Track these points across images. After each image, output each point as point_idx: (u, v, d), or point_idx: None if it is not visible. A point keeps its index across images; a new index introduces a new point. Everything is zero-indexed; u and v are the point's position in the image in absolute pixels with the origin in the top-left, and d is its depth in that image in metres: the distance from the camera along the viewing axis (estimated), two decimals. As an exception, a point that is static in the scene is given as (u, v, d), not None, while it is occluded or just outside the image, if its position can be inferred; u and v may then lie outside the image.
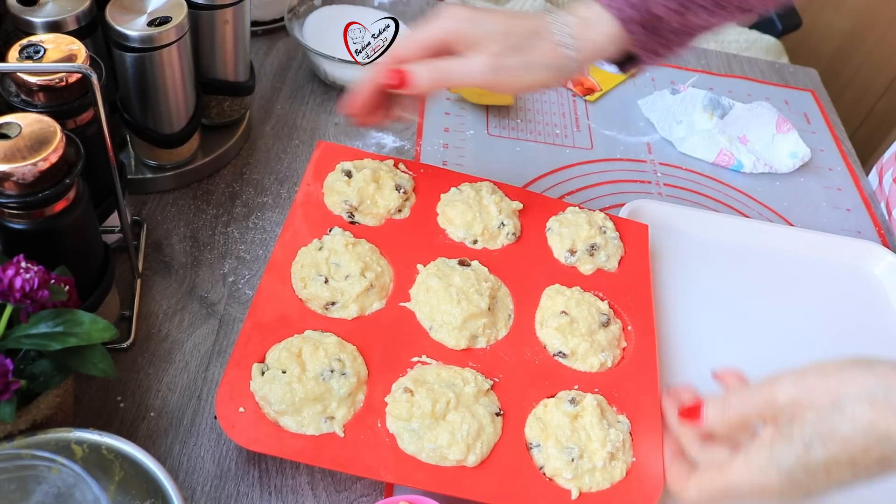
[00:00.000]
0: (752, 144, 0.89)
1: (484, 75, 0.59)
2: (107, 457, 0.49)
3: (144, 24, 0.62)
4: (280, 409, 0.54)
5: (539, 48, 0.60)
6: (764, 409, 0.49)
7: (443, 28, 0.60)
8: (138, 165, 0.73)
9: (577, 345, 0.61)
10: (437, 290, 0.61)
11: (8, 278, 0.45)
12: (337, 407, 0.55)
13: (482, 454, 0.54)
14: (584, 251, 0.67)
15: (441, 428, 0.54)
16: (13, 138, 0.48)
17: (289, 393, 0.54)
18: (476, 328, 0.60)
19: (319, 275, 0.61)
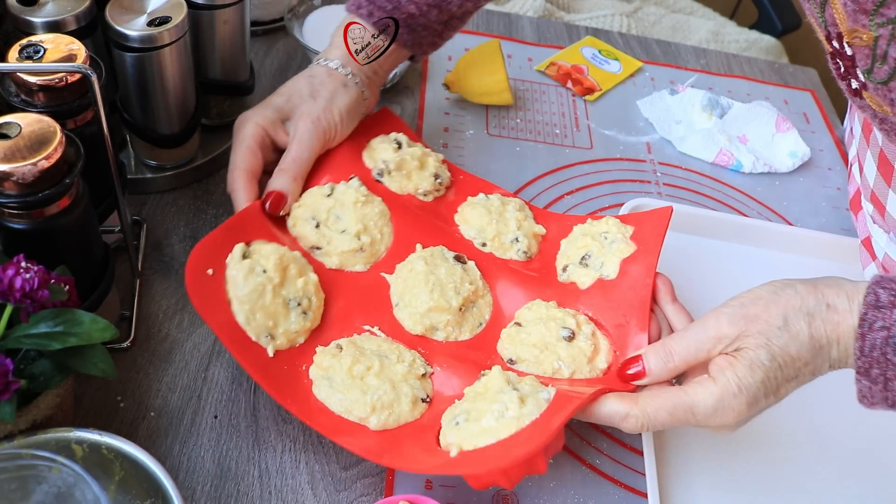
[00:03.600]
0: (752, 144, 0.89)
1: (313, 132, 0.64)
2: (107, 456, 0.49)
3: (144, 24, 0.62)
4: (240, 297, 0.56)
5: (327, 82, 0.66)
6: (711, 347, 0.51)
7: (255, 125, 0.64)
8: (138, 165, 0.73)
9: (524, 352, 0.59)
10: (418, 273, 0.61)
11: (8, 278, 0.45)
12: (281, 333, 0.57)
13: (385, 423, 0.54)
14: (574, 265, 0.64)
15: (355, 386, 0.55)
16: (13, 138, 0.48)
17: (257, 293, 0.56)
18: (438, 321, 0.60)
19: (313, 218, 0.62)
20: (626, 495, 0.60)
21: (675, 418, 0.51)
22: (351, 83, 0.67)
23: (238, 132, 0.64)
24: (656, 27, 1.34)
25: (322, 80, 0.66)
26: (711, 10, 1.45)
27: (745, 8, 1.66)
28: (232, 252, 0.57)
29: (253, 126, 0.63)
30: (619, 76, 0.98)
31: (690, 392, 0.51)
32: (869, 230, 0.76)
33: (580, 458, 0.61)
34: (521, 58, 0.98)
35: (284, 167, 0.63)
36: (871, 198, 0.73)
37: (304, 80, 0.66)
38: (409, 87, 0.90)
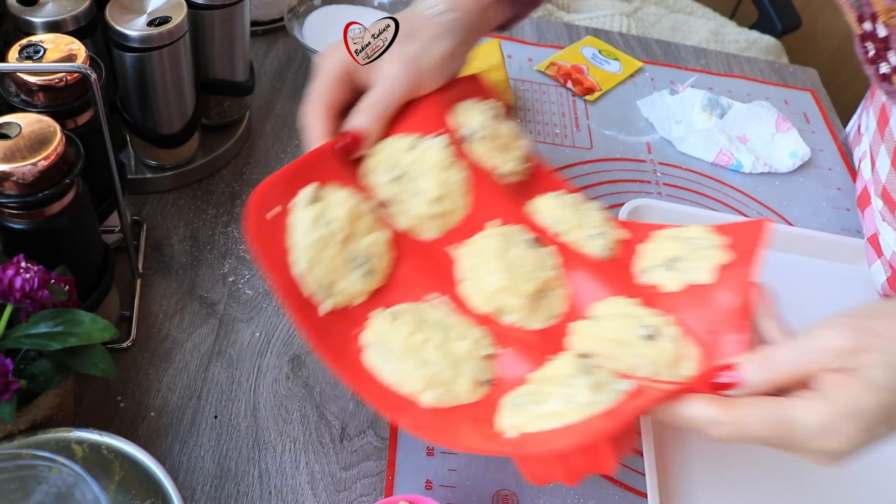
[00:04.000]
0: (752, 144, 0.89)
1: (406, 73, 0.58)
2: (107, 456, 0.49)
3: (144, 24, 0.62)
4: (302, 247, 0.51)
5: (424, 26, 0.59)
6: (821, 361, 0.43)
7: (339, 60, 0.58)
8: (138, 165, 0.73)
9: (598, 346, 0.53)
10: (490, 250, 0.56)
11: (8, 278, 0.45)
12: (339, 291, 0.52)
13: (440, 401, 0.49)
14: (661, 267, 0.58)
15: (411, 357, 0.50)
16: (13, 138, 0.48)
17: (320, 245, 0.51)
18: (507, 305, 0.55)
19: (391, 170, 0.57)
20: (626, 495, 0.60)
21: (772, 433, 0.43)
22: (453, 32, 0.60)
23: (319, 65, 0.58)
24: (656, 27, 1.34)
25: (421, 23, 0.60)
26: (711, 10, 1.45)
27: (745, 8, 1.66)
28: (299, 194, 0.52)
29: (335, 61, 0.58)
30: (620, 76, 0.98)
31: (795, 406, 0.43)
32: (876, 227, 0.75)
33: (580, 458, 0.61)
34: (521, 58, 0.98)
35: (366, 106, 0.58)
36: (883, 193, 0.72)
37: (403, 21, 0.60)
38: (409, 87, 0.90)
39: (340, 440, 0.59)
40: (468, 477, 0.59)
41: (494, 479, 0.59)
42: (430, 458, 0.59)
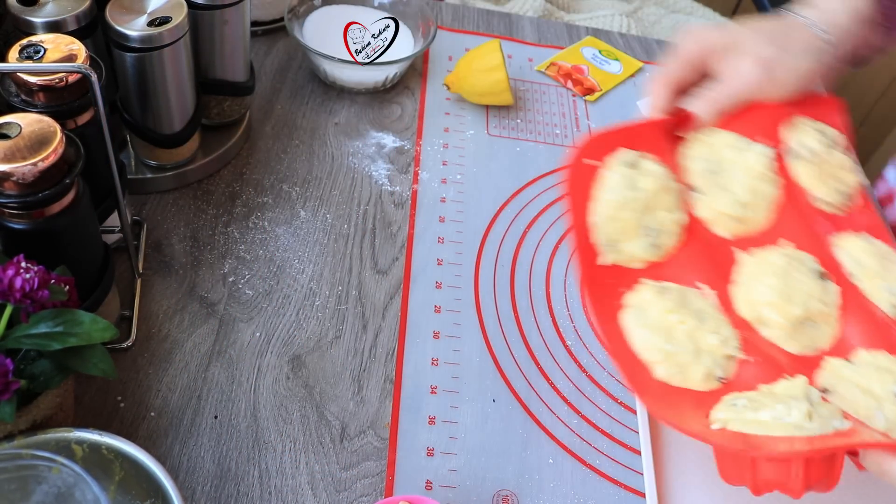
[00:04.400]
0: (752, 144, 0.89)
1: (757, 76, 0.61)
2: (107, 457, 0.49)
3: (144, 24, 0.62)
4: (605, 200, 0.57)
5: (796, 37, 0.62)
6: None
7: (699, 43, 0.62)
8: (138, 165, 0.73)
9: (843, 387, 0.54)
10: (774, 265, 0.58)
11: (8, 278, 0.45)
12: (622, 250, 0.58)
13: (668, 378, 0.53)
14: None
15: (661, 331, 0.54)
16: (13, 138, 0.48)
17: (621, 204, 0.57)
18: (770, 319, 0.57)
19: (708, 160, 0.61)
20: (626, 495, 0.60)
21: None
22: (822, 53, 0.62)
23: (680, 42, 0.63)
24: (656, 27, 1.34)
25: (795, 32, 0.62)
26: (711, 10, 1.45)
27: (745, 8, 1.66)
28: (619, 154, 0.58)
29: (696, 42, 0.62)
30: (620, 76, 0.98)
31: None
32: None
33: (580, 458, 0.61)
34: (522, 58, 0.98)
35: (709, 96, 0.62)
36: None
37: (774, 24, 0.62)
38: (409, 88, 0.90)
39: (340, 440, 0.59)
40: (468, 477, 0.59)
41: (494, 479, 0.59)
42: (430, 458, 0.59)
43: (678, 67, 0.63)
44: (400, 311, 0.68)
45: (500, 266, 0.73)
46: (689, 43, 0.62)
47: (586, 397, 0.65)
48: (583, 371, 0.67)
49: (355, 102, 0.87)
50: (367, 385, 0.63)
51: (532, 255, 0.75)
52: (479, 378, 0.65)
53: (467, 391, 0.64)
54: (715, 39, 0.62)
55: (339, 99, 0.87)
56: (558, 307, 0.71)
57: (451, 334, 0.67)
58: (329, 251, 0.72)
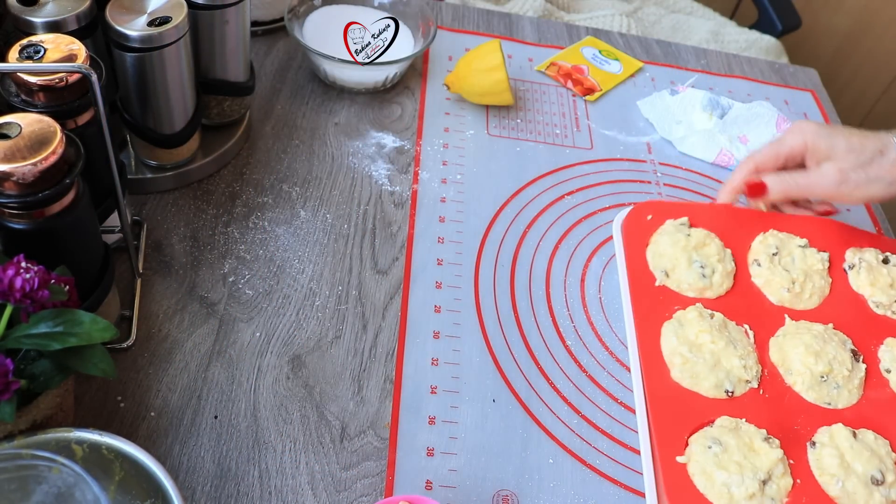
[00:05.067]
0: (753, 144, 0.89)
1: (831, 188, 0.69)
2: (107, 457, 0.49)
3: (144, 24, 0.62)
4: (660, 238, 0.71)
5: (881, 164, 0.68)
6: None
7: (799, 142, 0.70)
8: (138, 165, 0.73)
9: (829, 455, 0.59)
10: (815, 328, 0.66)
11: (8, 278, 0.45)
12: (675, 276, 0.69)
13: (681, 379, 0.62)
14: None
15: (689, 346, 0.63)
16: (13, 138, 0.48)
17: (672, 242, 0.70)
18: (792, 366, 0.64)
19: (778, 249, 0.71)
20: (626, 495, 0.60)
21: None
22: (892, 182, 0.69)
23: (788, 133, 0.72)
24: (656, 27, 1.34)
25: (881, 163, 0.68)
26: (711, 10, 1.45)
27: (745, 8, 1.66)
28: (678, 218, 0.71)
29: (801, 140, 0.70)
30: (620, 76, 0.97)
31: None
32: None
33: (580, 458, 0.61)
34: (522, 58, 0.98)
35: (786, 181, 0.70)
36: None
37: (876, 148, 0.68)
38: (409, 88, 0.90)
39: (340, 440, 0.59)
40: (468, 477, 0.59)
41: (494, 479, 0.59)
42: (430, 458, 0.59)
43: (770, 154, 0.71)
44: (400, 311, 0.68)
45: (500, 266, 0.73)
46: (796, 138, 0.70)
47: (586, 397, 0.65)
48: (583, 371, 0.67)
49: (355, 102, 0.87)
50: (367, 385, 0.63)
51: (532, 255, 0.75)
52: (479, 378, 0.65)
53: (467, 391, 0.64)
54: (823, 144, 0.69)
55: (339, 99, 0.87)
56: (558, 307, 0.71)
57: (451, 334, 0.67)
58: (329, 251, 0.72)
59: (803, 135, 0.70)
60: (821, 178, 0.69)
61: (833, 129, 0.70)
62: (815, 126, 0.70)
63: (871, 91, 1.84)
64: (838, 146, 0.69)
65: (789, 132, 0.71)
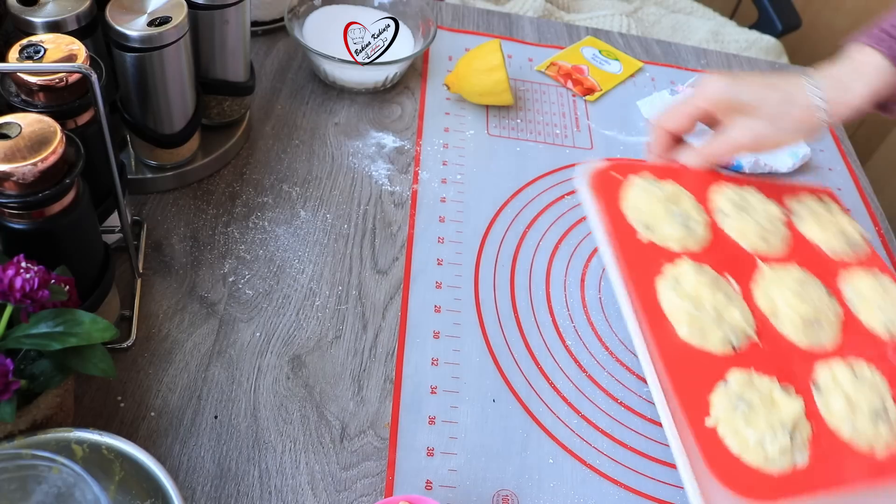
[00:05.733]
0: (752, 144, 0.89)
1: (746, 147, 0.69)
2: (107, 457, 0.49)
3: (144, 24, 0.62)
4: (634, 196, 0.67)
5: (793, 115, 0.66)
6: None
7: (709, 101, 0.68)
8: (138, 165, 0.73)
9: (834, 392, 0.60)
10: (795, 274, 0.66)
11: (8, 278, 0.45)
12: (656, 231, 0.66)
13: (690, 337, 0.60)
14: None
15: (690, 300, 0.61)
16: (13, 138, 0.48)
17: (647, 197, 0.66)
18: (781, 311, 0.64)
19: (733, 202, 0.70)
20: (626, 495, 0.60)
21: None
22: (816, 132, 0.67)
23: (698, 94, 0.69)
24: (656, 27, 1.34)
25: (797, 113, 0.66)
26: (711, 10, 1.45)
27: (745, 8, 1.66)
28: (641, 174, 0.69)
29: (710, 99, 0.68)
30: (620, 76, 0.97)
31: None
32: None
33: (580, 458, 0.61)
34: (522, 58, 0.98)
35: (703, 152, 0.70)
36: None
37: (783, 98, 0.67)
38: (409, 88, 0.90)
39: (340, 440, 0.59)
40: (468, 477, 0.59)
41: (494, 479, 0.59)
42: (430, 458, 0.59)
43: (682, 121, 0.70)
44: (400, 311, 0.68)
45: (500, 266, 0.73)
46: (708, 92, 0.68)
47: (586, 397, 0.65)
48: (583, 371, 0.67)
49: (355, 102, 0.87)
50: (367, 385, 0.63)
51: (532, 255, 0.75)
52: (479, 378, 0.65)
53: (467, 391, 0.64)
54: (730, 100, 0.68)
55: (339, 99, 0.87)
56: (558, 307, 0.71)
57: (451, 334, 0.67)
58: (329, 251, 0.72)
59: (711, 94, 0.68)
60: (734, 140, 0.69)
61: (740, 82, 0.68)
62: (722, 83, 0.68)
63: (871, 91, 1.84)
64: (747, 101, 0.67)
65: (698, 92, 0.69)
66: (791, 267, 0.67)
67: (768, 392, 0.58)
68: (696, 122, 0.70)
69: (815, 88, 0.66)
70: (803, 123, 0.67)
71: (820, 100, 0.66)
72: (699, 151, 0.70)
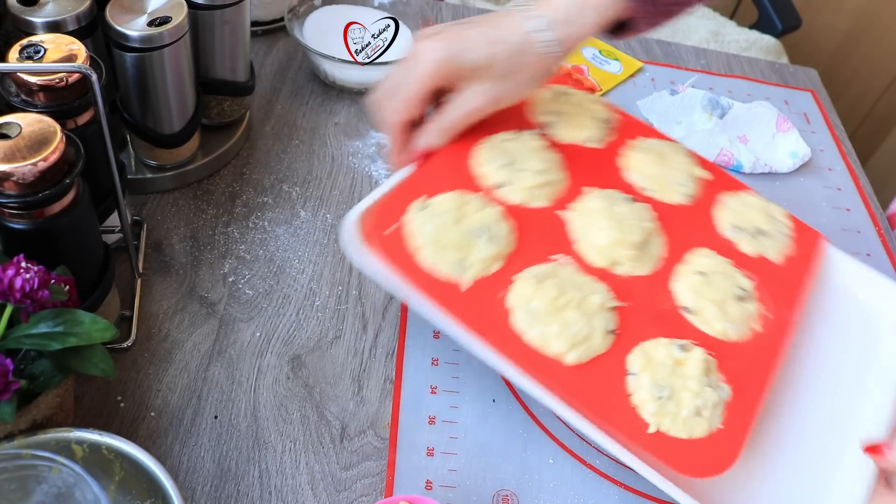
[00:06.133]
0: (753, 144, 0.89)
1: (484, 110, 0.62)
2: (107, 457, 0.49)
3: (144, 24, 0.62)
4: (425, 241, 0.57)
5: (525, 65, 0.60)
6: None
7: (429, 75, 0.60)
8: (138, 165, 0.73)
9: (704, 305, 0.61)
10: (598, 210, 0.63)
11: (8, 278, 0.45)
12: (472, 263, 0.57)
13: (581, 357, 0.55)
14: (749, 231, 0.67)
15: (555, 318, 0.56)
16: (13, 138, 0.48)
17: (439, 232, 0.57)
18: (619, 255, 0.61)
19: (500, 159, 0.64)
20: (626, 495, 0.60)
21: None
22: (552, 67, 0.62)
23: (415, 67, 0.60)
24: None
25: (527, 61, 0.60)
26: (711, 10, 1.45)
27: (745, 8, 1.66)
28: (409, 208, 0.59)
29: (430, 75, 0.60)
30: (620, 76, 0.97)
31: None
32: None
33: (580, 458, 0.61)
34: (522, 58, 0.98)
35: (445, 126, 0.62)
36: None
37: (513, 51, 0.60)
38: (409, 87, 0.90)
39: (340, 440, 0.59)
40: (468, 477, 0.59)
41: (494, 479, 0.59)
42: (430, 458, 0.59)
43: (410, 105, 0.61)
44: (400, 311, 0.68)
45: (500, 266, 0.73)
46: (423, 72, 0.59)
47: (586, 397, 0.65)
48: (583, 371, 0.67)
49: (355, 102, 0.87)
50: (367, 385, 0.63)
51: (532, 255, 0.75)
52: (479, 378, 0.65)
53: (467, 391, 0.64)
54: (454, 67, 0.60)
55: (339, 99, 0.87)
56: (558, 307, 0.71)
57: (451, 334, 0.67)
58: (329, 251, 0.72)
59: (432, 68, 0.59)
60: (469, 106, 0.61)
61: (459, 43, 0.60)
62: (439, 52, 0.59)
63: (871, 91, 1.84)
64: (473, 62, 0.59)
65: (415, 67, 0.60)
66: (589, 198, 0.64)
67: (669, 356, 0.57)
68: (426, 102, 0.62)
69: (543, 32, 0.60)
70: (538, 71, 0.61)
71: (549, 41, 0.60)
72: (435, 128, 0.62)
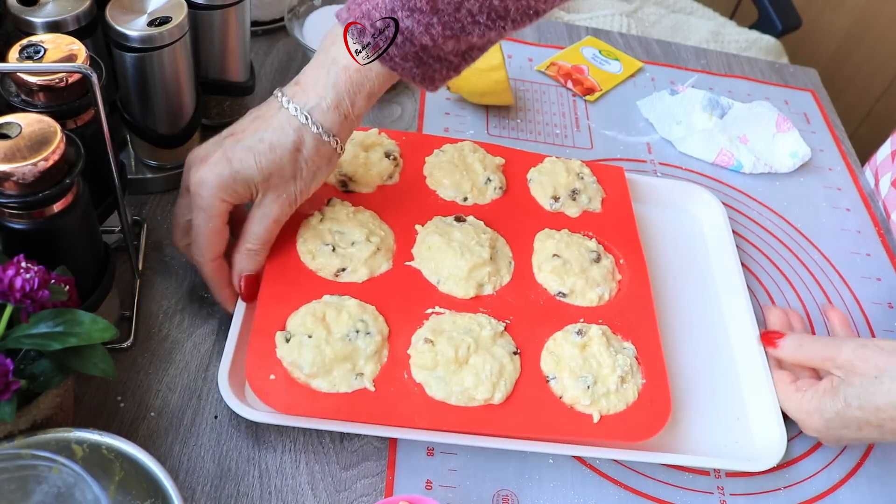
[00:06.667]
0: (753, 144, 0.89)
1: (287, 215, 0.61)
2: (107, 457, 0.49)
3: (144, 24, 0.62)
4: (311, 371, 0.56)
5: (309, 159, 0.59)
6: (825, 362, 0.61)
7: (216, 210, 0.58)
8: (138, 165, 0.73)
9: (573, 283, 0.66)
10: (439, 246, 0.64)
11: (8, 278, 0.45)
12: (365, 364, 0.58)
13: (506, 391, 0.58)
14: (566, 196, 0.72)
15: (465, 371, 0.58)
16: (13, 138, 0.48)
17: (318, 355, 0.56)
18: (481, 277, 0.64)
19: (326, 244, 0.63)
20: (626, 495, 0.60)
21: None
22: (336, 154, 0.60)
23: (201, 204, 0.58)
24: (656, 27, 1.34)
25: (309, 157, 0.59)
26: (711, 10, 1.45)
27: (745, 8, 1.66)
28: (276, 346, 0.57)
29: (219, 202, 0.58)
30: (620, 76, 0.97)
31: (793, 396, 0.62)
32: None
33: (580, 459, 0.61)
34: (522, 58, 0.98)
35: (253, 247, 0.61)
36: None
37: (292, 156, 0.58)
38: (409, 88, 0.90)
39: (340, 440, 0.59)
40: (468, 477, 0.59)
41: (494, 479, 0.59)
42: (430, 458, 0.59)
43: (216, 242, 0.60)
44: (400, 311, 0.68)
45: (500, 266, 0.73)
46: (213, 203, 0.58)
47: (586, 397, 0.65)
48: (583, 371, 0.67)
49: (355, 102, 0.87)
50: (367, 385, 0.63)
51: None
52: (479, 378, 0.64)
53: (467, 391, 0.63)
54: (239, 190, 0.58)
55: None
56: (558, 307, 0.71)
57: (451, 334, 0.67)
58: (329, 251, 0.72)
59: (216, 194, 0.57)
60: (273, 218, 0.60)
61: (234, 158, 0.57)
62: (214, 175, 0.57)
63: (871, 91, 1.84)
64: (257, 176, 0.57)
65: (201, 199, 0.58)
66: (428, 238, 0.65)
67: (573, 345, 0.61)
68: (226, 231, 0.60)
69: (314, 125, 0.58)
70: (322, 161, 0.59)
71: (326, 135, 0.58)
72: (245, 253, 0.61)
